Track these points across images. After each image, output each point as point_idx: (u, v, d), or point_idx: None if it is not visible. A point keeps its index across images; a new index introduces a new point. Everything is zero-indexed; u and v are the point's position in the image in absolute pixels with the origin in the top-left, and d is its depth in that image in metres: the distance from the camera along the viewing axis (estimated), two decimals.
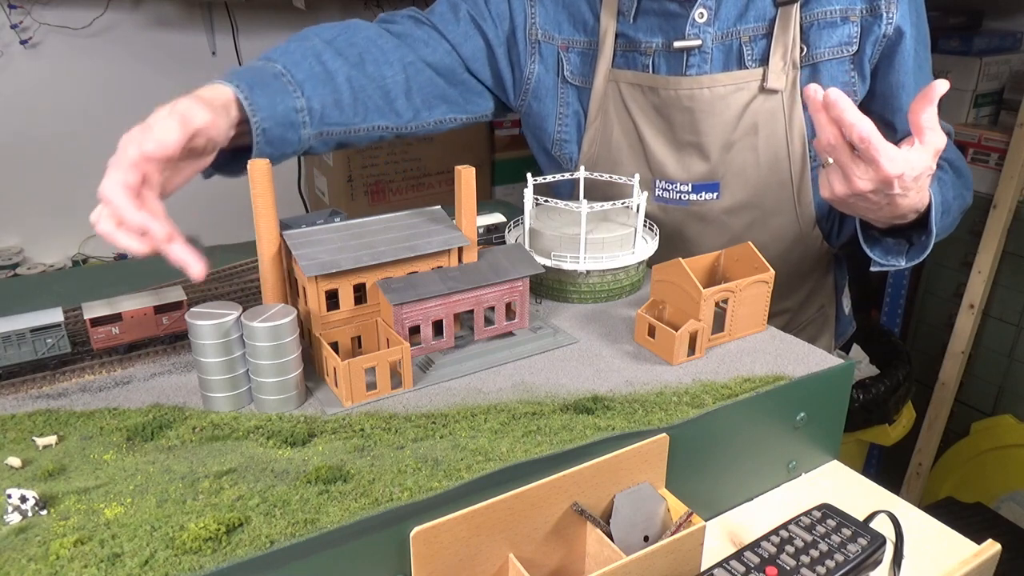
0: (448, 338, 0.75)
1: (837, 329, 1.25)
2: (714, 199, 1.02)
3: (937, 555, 0.66)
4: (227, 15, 2.03)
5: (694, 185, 1.01)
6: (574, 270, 0.87)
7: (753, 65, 0.96)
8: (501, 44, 1.07)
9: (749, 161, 0.99)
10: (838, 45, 0.94)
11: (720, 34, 0.96)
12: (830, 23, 0.94)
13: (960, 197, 0.97)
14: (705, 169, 1.01)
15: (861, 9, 0.92)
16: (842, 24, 0.93)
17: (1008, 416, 1.83)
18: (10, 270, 1.89)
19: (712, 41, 0.96)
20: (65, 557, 0.48)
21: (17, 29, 1.79)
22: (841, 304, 1.24)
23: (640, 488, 0.61)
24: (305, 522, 0.50)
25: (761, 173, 1.00)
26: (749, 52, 0.96)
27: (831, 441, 0.77)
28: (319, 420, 0.64)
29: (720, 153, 0.99)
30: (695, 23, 0.95)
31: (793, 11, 0.93)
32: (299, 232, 0.72)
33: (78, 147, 1.95)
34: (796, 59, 0.95)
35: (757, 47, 0.96)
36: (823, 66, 0.95)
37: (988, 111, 1.92)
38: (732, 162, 1.00)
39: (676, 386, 0.70)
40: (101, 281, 0.95)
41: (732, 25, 0.96)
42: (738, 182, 1.01)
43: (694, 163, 1.01)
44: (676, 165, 1.02)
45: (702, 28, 0.96)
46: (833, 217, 1.08)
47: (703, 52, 0.97)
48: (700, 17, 0.95)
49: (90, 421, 0.64)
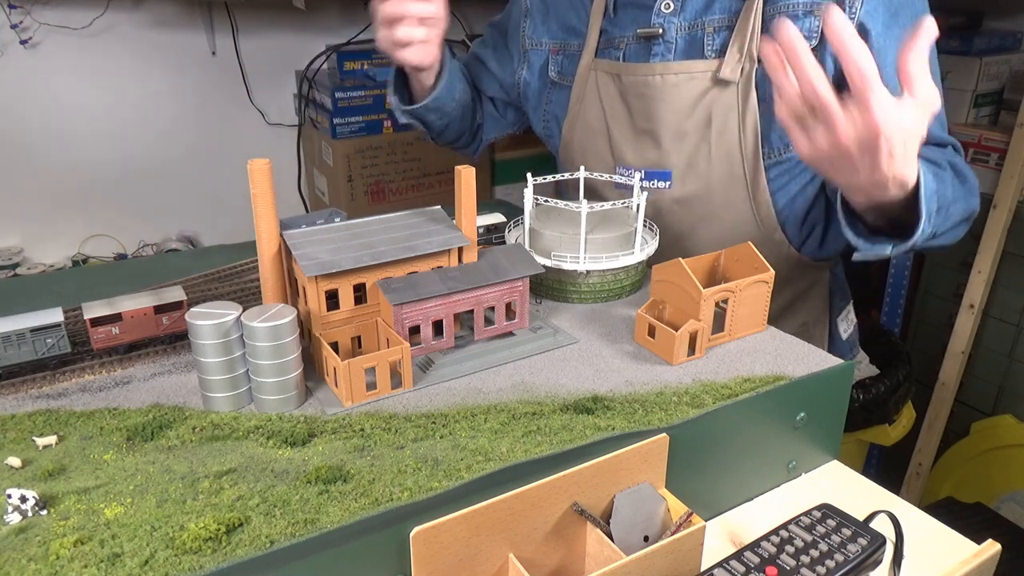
0: (448, 338, 0.75)
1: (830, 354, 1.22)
2: (666, 187, 1.03)
3: (937, 555, 0.66)
4: (227, 15, 2.03)
5: (647, 172, 1.04)
6: (574, 270, 0.86)
7: (711, 56, 0.98)
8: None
9: (701, 152, 1.00)
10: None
11: (686, 24, 0.99)
12: (792, 16, 0.93)
13: (962, 200, 0.91)
14: (656, 156, 1.03)
15: (826, 3, 0.91)
16: (804, 17, 0.92)
17: (1008, 416, 1.83)
18: (10, 270, 1.89)
19: (677, 31, 0.99)
20: (65, 557, 0.48)
21: (17, 29, 1.78)
22: (836, 328, 1.20)
23: (640, 488, 0.61)
24: (305, 522, 0.50)
25: (713, 166, 1.00)
26: (710, 43, 0.98)
27: (831, 441, 0.77)
28: (319, 420, 0.64)
29: (672, 141, 1.01)
30: (660, 13, 1.00)
31: (756, 3, 0.94)
32: (299, 232, 0.72)
33: (78, 147, 1.95)
34: (754, 52, 0.95)
35: (718, 38, 0.97)
36: None
37: (988, 111, 1.92)
38: (684, 152, 1.01)
39: (676, 386, 0.70)
40: (101, 281, 0.95)
41: (698, 16, 0.99)
42: (690, 173, 1.02)
43: (647, 149, 1.04)
44: (632, 151, 1.06)
45: (667, 18, 1.00)
46: (806, 222, 1.05)
47: (667, 41, 1.00)
48: (666, 8, 1.00)
49: (90, 421, 0.64)
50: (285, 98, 2.22)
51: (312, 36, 2.18)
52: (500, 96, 1.26)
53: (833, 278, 1.19)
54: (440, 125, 1.20)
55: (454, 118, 1.20)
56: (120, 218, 2.04)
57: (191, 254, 1.35)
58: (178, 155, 2.08)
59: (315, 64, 2.13)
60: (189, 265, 0.99)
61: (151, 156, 2.04)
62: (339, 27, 2.20)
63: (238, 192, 1.79)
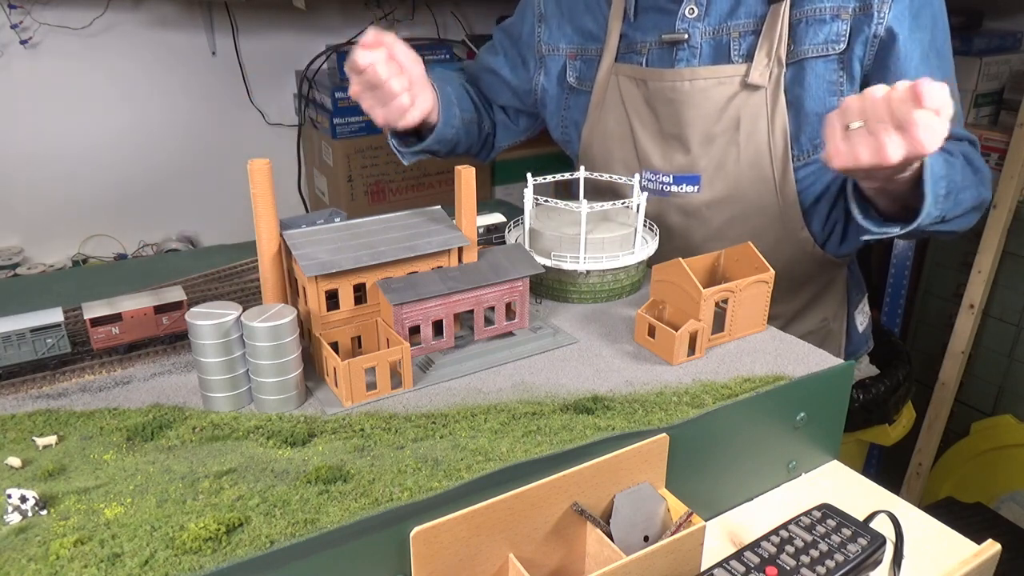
0: (448, 338, 0.75)
1: (848, 347, 1.23)
2: (695, 192, 1.03)
3: (937, 555, 0.66)
4: (227, 15, 2.03)
5: (675, 176, 1.04)
6: (574, 270, 0.86)
7: (738, 60, 0.98)
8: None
9: (730, 156, 1.01)
10: (824, 43, 0.93)
11: (711, 30, 0.99)
12: (819, 20, 0.93)
13: (973, 188, 0.92)
14: (686, 161, 1.03)
15: (854, 8, 0.92)
16: (831, 21, 0.93)
17: (1008, 416, 1.83)
18: (10, 270, 1.89)
19: (701, 36, 0.99)
20: (65, 557, 0.48)
21: (17, 29, 1.78)
22: (854, 320, 1.22)
23: (640, 488, 0.61)
24: (305, 522, 0.50)
25: (741, 168, 1.01)
26: (736, 48, 0.98)
27: (831, 441, 0.77)
28: (319, 420, 0.64)
29: (701, 146, 1.01)
30: (684, 18, 1.00)
31: (783, 8, 0.94)
32: (299, 232, 0.72)
33: (78, 147, 1.95)
34: (782, 56, 0.95)
35: (745, 43, 0.98)
36: (808, 63, 0.95)
37: (988, 111, 1.92)
38: (713, 156, 1.01)
39: (676, 386, 0.70)
40: (101, 281, 0.95)
41: (723, 21, 0.98)
42: (719, 176, 1.02)
43: (676, 155, 1.04)
44: (660, 156, 1.05)
45: (691, 23, 1.00)
46: (828, 220, 1.06)
47: (691, 46, 1.00)
48: (690, 13, 0.99)
49: (90, 421, 0.64)
50: (285, 98, 2.22)
51: (312, 36, 2.18)
52: (513, 104, 1.24)
53: (850, 273, 1.20)
54: (446, 151, 1.18)
55: (459, 140, 1.18)
56: (120, 218, 2.04)
57: (191, 254, 1.35)
58: (178, 155, 2.08)
59: (315, 64, 2.13)
60: (189, 265, 0.99)
61: (151, 156, 2.04)
62: (339, 27, 2.21)
63: (238, 192, 1.80)
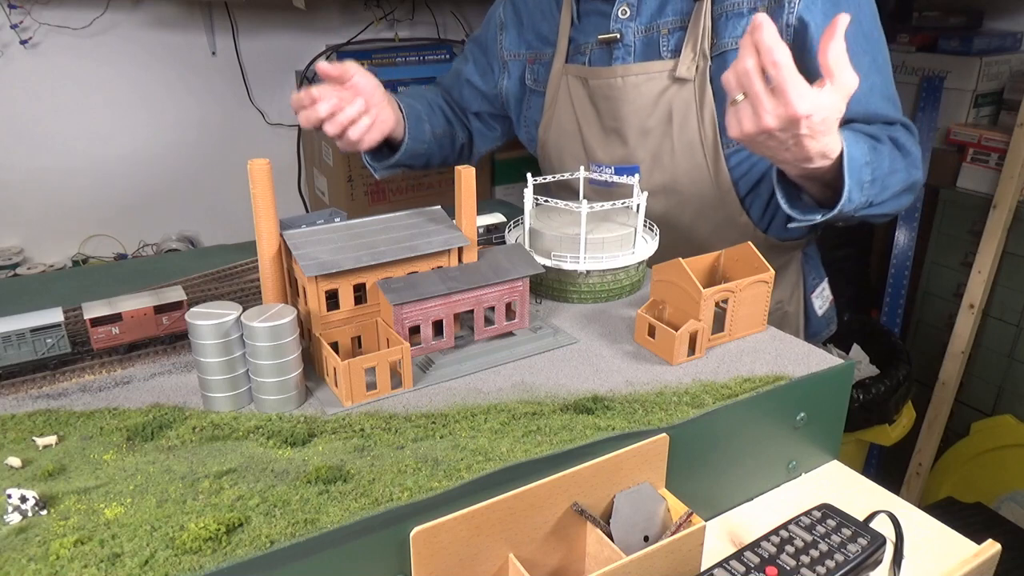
0: (448, 338, 0.75)
1: (807, 330, 1.28)
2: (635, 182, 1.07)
3: (937, 555, 0.66)
4: (227, 15, 2.03)
5: (616, 168, 1.10)
6: (574, 270, 0.87)
7: (667, 56, 1.04)
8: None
9: (665, 147, 1.07)
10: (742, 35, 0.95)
11: (642, 28, 1.05)
12: (737, 14, 0.99)
13: (902, 172, 0.95)
14: (624, 153, 1.10)
15: (768, 1, 0.96)
16: (748, 14, 0.98)
17: (1008, 416, 1.83)
18: (10, 270, 1.88)
19: (634, 35, 1.06)
20: (65, 557, 0.48)
21: (17, 29, 1.78)
22: (811, 304, 1.27)
23: (640, 488, 0.61)
24: (305, 522, 0.50)
25: (677, 159, 1.07)
26: (665, 44, 1.04)
27: (831, 441, 0.77)
28: (319, 420, 0.64)
29: (638, 139, 1.08)
30: (617, 18, 1.07)
31: (705, 4, 1.00)
32: (299, 232, 0.72)
33: (78, 147, 1.95)
34: (706, 50, 1.00)
35: (673, 39, 1.03)
36: (730, 55, 1.00)
37: (988, 111, 1.92)
38: (649, 147, 1.08)
39: (676, 386, 0.70)
40: (101, 281, 0.95)
41: (653, 19, 1.05)
42: (657, 167, 1.08)
43: (616, 148, 1.11)
44: (602, 150, 1.13)
45: (624, 23, 1.06)
46: (770, 206, 1.10)
47: (625, 45, 1.06)
48: (623, 13, 1.06)
49: (90, 421, 0.64)
50: (285, 98, 2.21)
51: (312, 36, 2.18)
52: (486, 109, 1.32)
53: (805, 257, 1.25)
54: (420, 164, 1.26)
55: (432, 153, 1.25)
56: (120, 218, 2.04)
57: (191, 254, 1.35)
58: (178, 155, 2.08)
59: (315, 64, 2.13)
60: (189, 265, 0.99)
61: (151, 156, 2.04)
62: (339, 27, 2.21)
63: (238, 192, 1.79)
